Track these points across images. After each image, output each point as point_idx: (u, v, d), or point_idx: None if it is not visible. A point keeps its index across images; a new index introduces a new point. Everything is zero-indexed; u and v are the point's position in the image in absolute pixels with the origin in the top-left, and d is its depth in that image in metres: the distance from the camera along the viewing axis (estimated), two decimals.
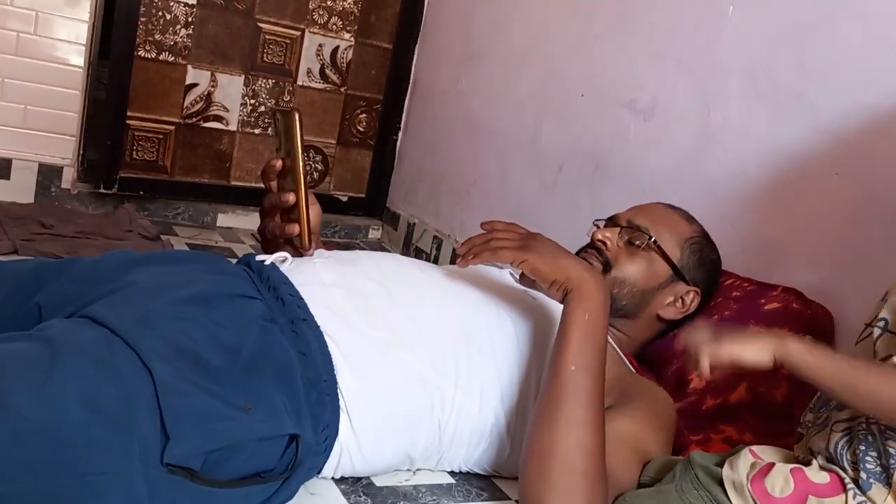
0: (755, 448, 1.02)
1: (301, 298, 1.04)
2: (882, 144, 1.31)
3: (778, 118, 1.48)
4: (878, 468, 0.90)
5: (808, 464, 0.96)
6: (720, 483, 0.98)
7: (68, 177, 2.25)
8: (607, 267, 1.30)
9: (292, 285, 1.06)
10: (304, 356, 0.98)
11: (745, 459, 0.99)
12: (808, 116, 1.42)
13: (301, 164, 1.12)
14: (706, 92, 1.63)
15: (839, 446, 0.93)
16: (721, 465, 1.01)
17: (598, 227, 1.38)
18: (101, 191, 2.23)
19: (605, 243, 1.32)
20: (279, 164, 1.16)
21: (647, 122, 1.76)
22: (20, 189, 2.19)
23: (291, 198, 1.13)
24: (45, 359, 0.79)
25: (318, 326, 1.01)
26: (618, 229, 1.33)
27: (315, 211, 1.20)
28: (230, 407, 0.86)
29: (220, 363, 0.89)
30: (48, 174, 2.22)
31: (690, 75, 1.67)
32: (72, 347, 0.82)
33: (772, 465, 0.97)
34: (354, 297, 1.07)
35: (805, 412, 1.03)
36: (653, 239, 1.30)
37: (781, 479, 0.94)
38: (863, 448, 0.91)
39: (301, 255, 1.14)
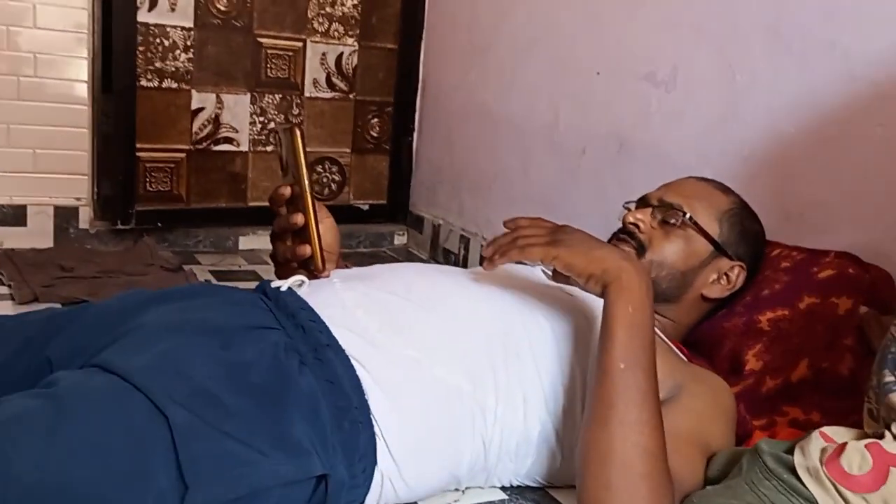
0: (826, 430, 0.94)
1: (323, 323, 0.98)
2: None
3: (809, 72, 1.39)
4: None
5: (881, 437, 0.88)
6: (793, 471, 0.90)
7: (85, 216, 2.22)
8: (641, 250, 1.22)
9: (312, 310, 0.99)
10: (332, 384, 0.92)
11: (817, 443, 0.91)
12: (842, 66, 1.33)
13: (307, 181, 1.06)
14: (729, 55, 1.54)
15: None
16: (790, 452, 0.93)
17: (628, 209, 1.30)
18: (119, 227, 2.20)
19: (637, 226, 1.24)
20: (287, 191, 1.10)
21: (670, 94, 1.68)
22: (38, 234, 2.16)
23: (300, 219, 1.07)
24: (50, 415, 0.74)
25: (344, 351, 0.95)
26: (649, 209, 1.25)
27: (328, 227, 1.14)
28: (252, 450, 0.80)
29: (240, 403, 0.83)
30: (64, 216, 2.19)
31: (710, 39, 1.58)
32: (78, 400, 0.77)
33: (845, 444, 0.89)
34: (378, 316, 1.01)
35: (869, 377, 0.94)
36: (688, 215, 1.22)
37: (858, 455, 0.86)
38: None
39: (317, 278, 1.08)
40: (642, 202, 1.30)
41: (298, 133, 1.06)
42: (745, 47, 1.50)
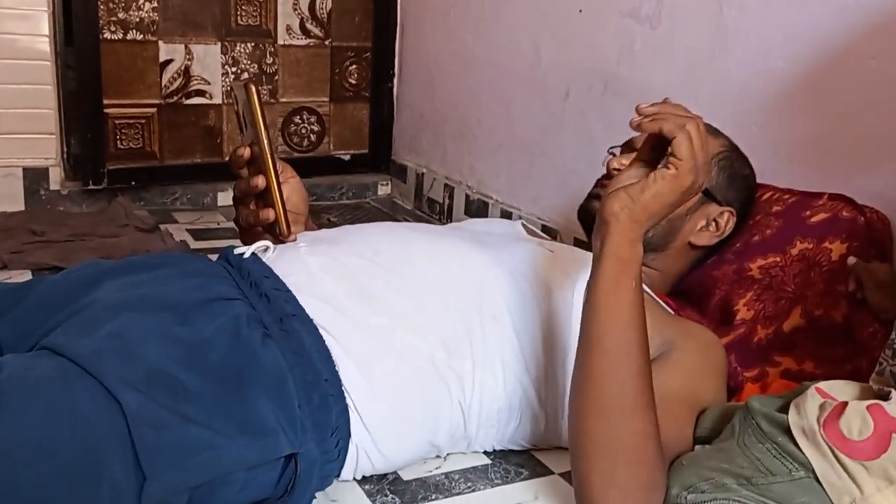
0: (822, 385, 0.89)
1: (288, 292, 0.92)
2: None
3: (800, 3, 1.31)
4: None
5: (886, 397, 0.84)
6: (787, 431, 0.85)
7: (55, 177, 2.14)
8: None
9: (277, 278, 0.94)
10: (299, 357, 0.86)
11: (813, 400, 0.86)
12: None
13: (266, 140, 0.99)
14: None
15: None
16: (784, 409, 0.88)
17: (613, 154, 1.24)
18: (91, 187, 2.13)
19: (619, 170, 1.18)
20: (246, 152, 1.03)
21: (655, 30, 1.60)
22: (8, 197, 2.09)
23: (261, 181, 1.00)
24: None
25: (311, 320, 0.90)
26: (633, 154, 1.18)
27: (293, 187, 1.07)
28: (214, 433, 0.75)
29: (199, 383, 0.78)
30: (34, 178, 2.12)
31: None
32: (20, 390, 0.72)
33: (845, 404, 0.84)
34: (346, 282, 0.95)
35: (893, 331, 0.89)
36: None
37: (858, 418, 0.82)
38: None
39: (284, 242, 1.02)
40: (627, 147, 1.23)
41: (254, 89, 0.99)
42: None
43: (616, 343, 0.84)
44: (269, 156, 0.99)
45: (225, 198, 2.33)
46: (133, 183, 2.20)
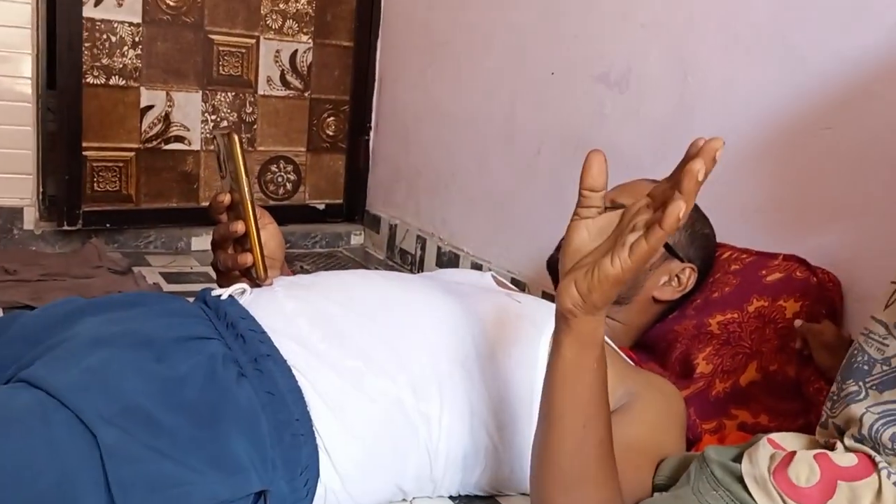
0: (774, 436, 0.93)
1: (263, 333, 0.95)
2: (875, 93, 1.22)
3: (761, 72, 1.39)
4: None
5: (832, 448, 0.88)
6: (740, 480, 0.89)
7: (30, 217, 2.15)
8: None
9: (253, 319, 0.96)
10: (272, 396, 0.89)
11: (765, 451, 0.90)
12: (794, 66, 1.33)
13: (247, 187, 1.03)
14: (682, 54, 1.53)
15: (874, 429, 0.84)
16: (738, 459, 0.92)
17: None
18: (66, 228, 2.14)
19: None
20: (227, 198, 1.06)
21: (623, 95, 1.67)
22: None
23: (241, 227, 1.03)
24: None
25: (285, 361, 0.92)
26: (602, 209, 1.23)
27: (270, 233, 1.10)
28: (187, 469, 0.77)
29: (174, 419, 0.80)
30: (8, 217, 2.13)
31: (663, 38, 1.58)
32: None
33: (793, 453, 0.88)
34: (321, 325, 0.98)
35: (833, 385, 0.94)
36: None
37: (806, 467, 0.86)
38: None
39: (260, 286, 1.05)
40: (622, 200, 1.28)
41: (237, 138, 1.03)
42: (698, 47, 1.50)
43: (576, 420, 0.84)
44: (249, 202, 1.03)
45: (199, 242, 2.35)
46: (108, 225, 2.22)
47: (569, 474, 0.84)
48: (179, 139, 2.30)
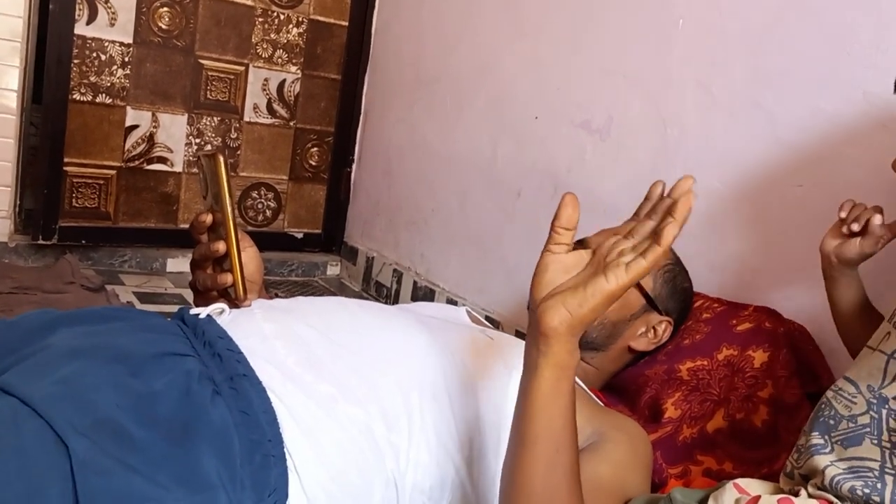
0: (740, 482, 0.95)
1: (240, 353, 0.95)
2: (844, 153, 1.26)
3: (736, 130, 1.43)
4: None
5: (797, 494, 0.90)
6: None
7: (4, 229, 2.14)
8: None
9: (230, 339, 0.96)
10: (246, 415, 0.89)
11: (730, 494, 0.92)
12: (767, 126, 1.38)
13: (230, 209, 1.04)
14: (661, 107, 1.58)
15: (835, 481, 0.86)
16: (704, 501, 0.94)
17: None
18: (41, 242, 2.13)
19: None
20: (209, 218, 1.07)
21: (604, 142, 1.71)
22: None
23: (222, 246, 1.04)
24: None
25: (260, 382, 0.92)
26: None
27: (250, 256, 1.11)
28: (155, 486, 0.76)
29: (146, 434, 0.80)
30: None
31: (644, 91, 1.62)
32: None
33: (758, 497, 0.90)
34: (297, 349, 0.98)
35: (801, 436, 0.96)
36: None
37: None
38: (867, 492, 0.84)
39: (238, 307, 1.05)
40: (581, 245, 1.29)
41: (221, 160, 1.04)
42: (677, 101, 1.55)
43: (549, 443, 0.85)
44: (231, 223, 1.04)
45: (175, 264, 2.35)
46: (83, 241, 2.21)
47: (540, 498, 0.85)
48: (162, 160, 2.31)
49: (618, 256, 0.80)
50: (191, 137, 2.33)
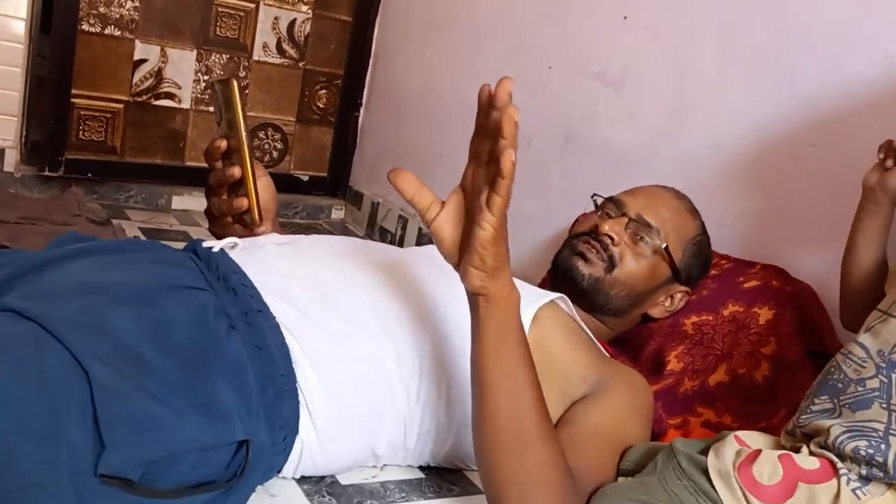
0: (741, 434, 0.97)
1: (254, 288, 0.96)
2: (862, 113, 1.26)
3: (755, 86, 1.42)
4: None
5: (797, 451, 0.92)
6: (705, 472, 0.93)
7: (11, 159, 2.12)
8: (611, 265, 1.23)
9: (244, 274, 0.97)
10: (260, 350, 0.90)
11: (731, 446, 0.94)
12: (786, 84, 1.37)
13: (244, 133, 1.04)
14: (680, 60, 1.56)
15: (839, 440, 0.88)
16: (705, 452, 0.96)
17: (595, 203, 1.31)
18: (47, 173, 2.12)
19: (612, 238, 1.24)
20: (223, 144, 1.07)
21: (618, 94, 1.70)
22: None
23: (237, 171, 1.04)
24: None
25: (274, 318, 0.94)
26: (624, 220, 1.25)
27: (264, 184, 1.11)
28: (173, 412, 0.78)
29: (164, 363, 0.81)
30: None
31: (663, 43, 1.60)
32: None
33: (758, 451, 0.92)
34: (312, 287, 0.99)
35: (805, 397, 0.97)
36: (664, 245, 1.23)
37: (769, 465, 0.89)
38: (870, 452, 0.85)
39: (253, 233, 1.06)
40: (615, 206, 1.28)
41: (235, 84, 1.04)
42: (696, 54, 1.53)
43: (508, 381, 0.89)
44: (246, 148, 1.04)
45: (179, 202, 2.34)
46: (89, 175, 2.20)
47: (509, 434, 0.89)
48: (170, 96, 2.28)
49: (479, 198, 0.84)
50: (199, 74, 2.31)
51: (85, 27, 2.09)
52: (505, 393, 0.89)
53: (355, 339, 0.97)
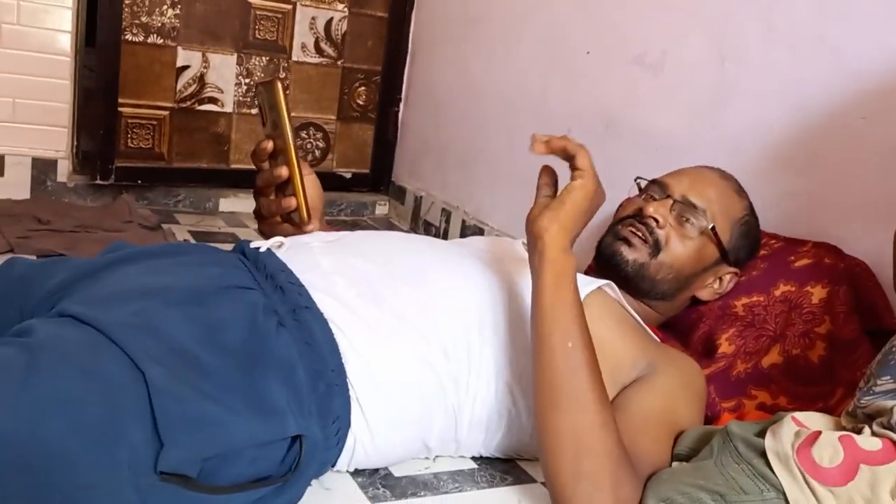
0: (798, 415, 0.95)
1: (301, 286, 0.97)
2: None
3: (798, 64, 1.39)
4: None
5: (859, 432, 0.90)
6: (762, 454, 0.91)
7: (63, 170, 2.19)
8: (656, 248, 1.21)
9: (291, 273, 0.99)
10: (309, 346, 0.92)
11: (789, 428, 0.92)
12: (831, 60, 1.34)
13: (290, 133, 1.05)
14: (720, 41, 1.54)
15: None
16: (761, 434, 0.94)
17: (639, 186, 1.30)
18: (98, 182, 2.17)
19: (657, 220, 1.23)
20: (270, 145, 1.09)
21: (658, 78, 1.68)
22: (15, 185, 2.13)
23: (285, 171, 1.06)
24: (22, 365, 0.73)
25: (322, 314, 0.95)
26: (669, 202, 1.23)
27: (311, 183, 1.13)
28: (228, 410, 0.80)
29: (217, 362, 0.83)
30: (43, 168, 2.16)
31: (702, 25, 1.58)
32: (52, 351, 0.76)
33: (818, 433, 0.90)
34: (356, 283, 1.00)
35: (867, 377, 0.95)
36: (711, 226, 1.22)
37: (830, 447, 0.87)
38: None
39: (302, 231, 1.07)
40: (659, 188, 1.26)
41: (280, 86, 1.05)
42: (737, 35, 1.50)
43: (563, 338, 0.93)
44: (292, 148, 1.05)
45: (227, 204, 2.38)
46: (139, 182, 2.25)
47: (561, 391, 0.91)
48: (213, 101, 2.33)
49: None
50: (240, 77, 2.34)
51: (128, 37, 2.14)
52: (560, 348, 0.92)
53: (402, 333, 0.98)
